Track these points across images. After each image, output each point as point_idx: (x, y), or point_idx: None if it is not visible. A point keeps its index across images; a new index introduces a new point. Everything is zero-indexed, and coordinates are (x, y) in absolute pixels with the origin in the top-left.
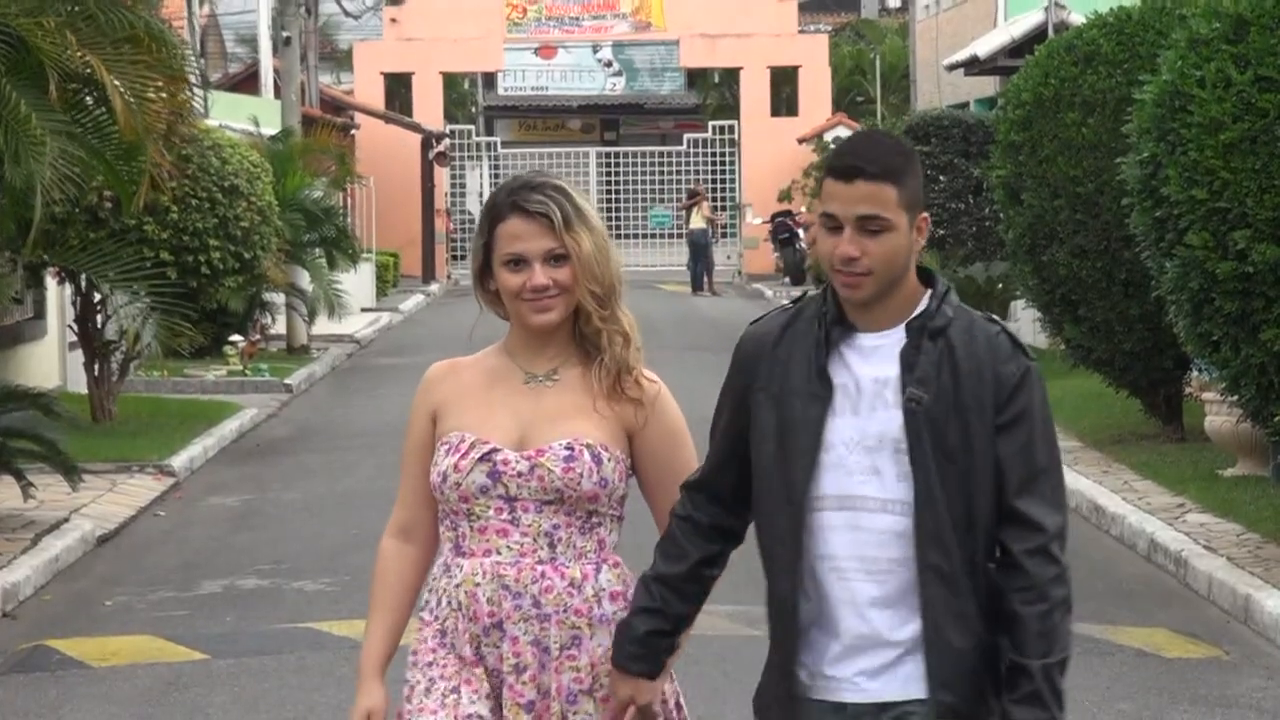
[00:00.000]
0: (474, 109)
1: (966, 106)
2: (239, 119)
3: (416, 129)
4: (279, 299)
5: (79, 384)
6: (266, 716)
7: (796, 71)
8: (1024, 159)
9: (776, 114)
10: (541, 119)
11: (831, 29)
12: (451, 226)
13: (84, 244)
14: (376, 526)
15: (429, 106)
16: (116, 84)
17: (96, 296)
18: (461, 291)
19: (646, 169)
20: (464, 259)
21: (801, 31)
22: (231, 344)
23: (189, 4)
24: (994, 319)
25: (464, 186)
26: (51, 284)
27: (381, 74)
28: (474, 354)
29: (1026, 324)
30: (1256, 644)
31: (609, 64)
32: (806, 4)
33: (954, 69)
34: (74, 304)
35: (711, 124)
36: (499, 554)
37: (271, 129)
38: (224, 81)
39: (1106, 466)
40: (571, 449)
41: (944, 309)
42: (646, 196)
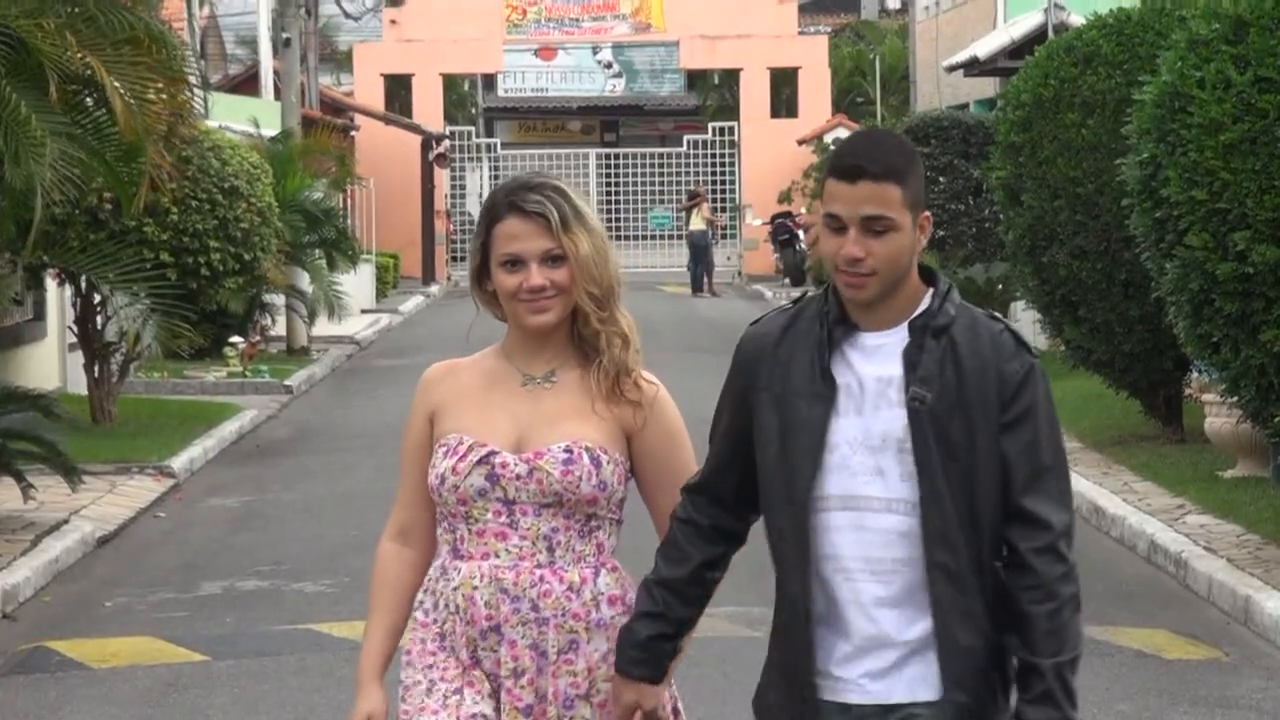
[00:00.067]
0: (474, 110)
1: (966, 108)
2: (239, 120)
3: (416, 130)
4: (279, 300)
5: (79, 385)
6: (266, 718)
7: (796, 73)
8: (1024, 160)
9: (776, 115)
10: (541, 120)
11: (831, 30)
12: (451, 228)
13: (84, 245)
14: (376, 528)
15: (429, 108)
16: (116, 85)
17: (96, 298)
18: (461, 293)
19: (646, 170)
20: (464, 260)
21: (801, 33)
22: (231, 345)
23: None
24: (996, 316)
25: (464, 188)
26: (51, 285)
27: (381, 75)
28: (472, 355)
29: (1026, 325)
30: (1256, 645)
31: (609, 65)
32: (806, 5)
33: (954, 70)
34: (74, 305)
35: (711, 125)
36: (497, 557)
37: (271, 130)
38: (224, 83)
39: (1106, 468)
40: (570, 451)
41: (946, 307)
42: (646, 198)
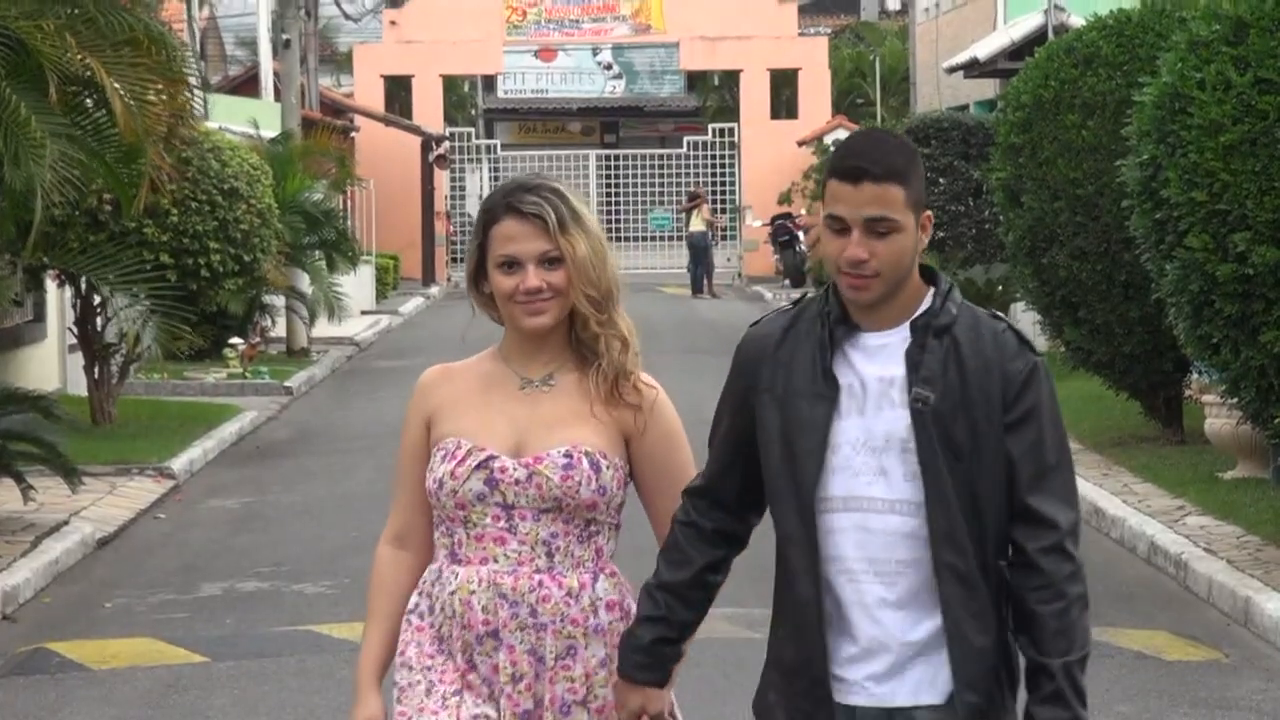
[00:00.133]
0: (474, 111)
1: (966, 109)
2: (239, 121)
3: (416, 131)
4: (279, 302)
5: (79, 386)
6: (266, 719)
7: (796, 74)
8: (1024, 161)
9: (776, 116)
10: (541, 121)
11: (831, 31)
12: (451, 229)
13: (84, 247)
14: (376, 529)
15: (429, 109)
16: (116, 86)
17: (96, 299)
18: (461, 294)
19: (646, 171)
20: (464, 261)
21: (801, 34)
22: (231, 347)
23: (189, 6)
24: (998, 315)
25: (464, 189)
26: (51, 287)
27: (381, 76)
28: (468, 359)
29: (1026, 326)
30: (1256, 646)
31: (609, 66)
32: (806, 6)
33: (954, 71)
34: (74, 307)
35: (711, 126)
36: (496, 562)
37: (271, 131)
38: (224, 84)
39: (1106, 469)
40: (570, 456)
41: (948, 306)
42: (646, 199)
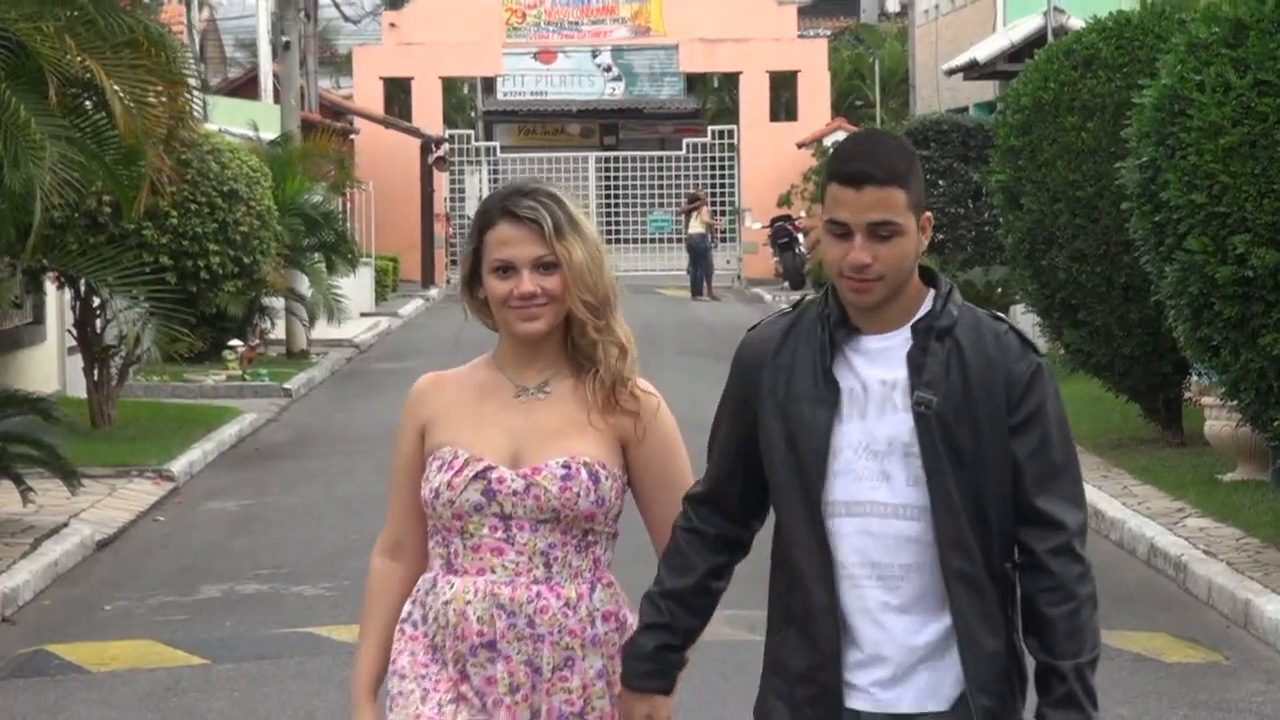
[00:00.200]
0: (473, 113)
1: (966, 111)
2: (238, 124)
3: (416, 134)
4: (278, 304)
5: (78, 389)
6: None
7: (796, 76)
8: (1023, 163)
9: (776, 119)
10: (541, 123)
11: (831, 33)
12: (451, 231)
13: (83, 249)
14: (376, 531)
15: (428, 111)
16: (116, 89)
17: (96, 301)
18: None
19: (646, 174)
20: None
21: (801, 36)
22: (231, 349)
23: (188, 8)
24: (1000, 317)
25: (463, 191)
26: (51, 289)
27: (381, 79)
28: (461, 366)
29: (1026, 328)
30: (1256, 649)
31: (608, 69)
32: (806, 9)
33: (953, 73)
34: (73, 309)
35: (711, 129)
36: (493, 572)
37: (271, 134)
38: (223, 86)
39: (1106, 471)
40: (568, 467)
41: (949, 308)
42: (646, 201)
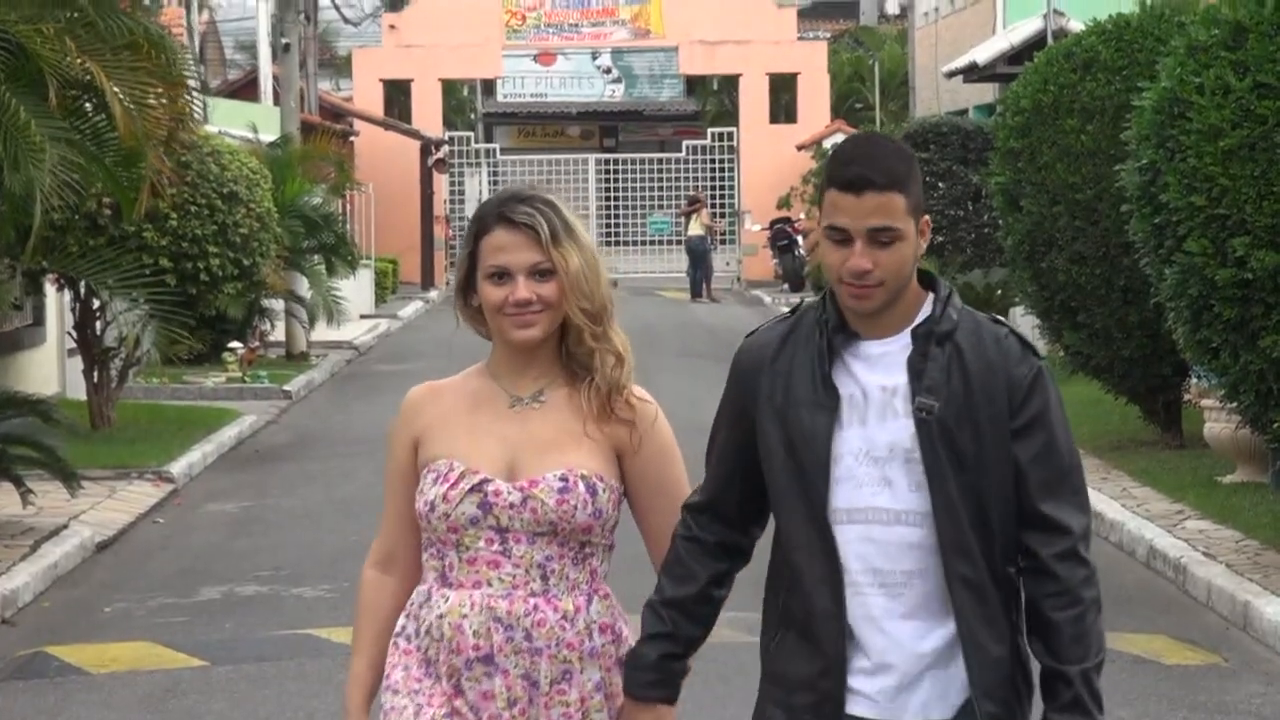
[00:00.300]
0: (473, 115)
1: (965, 113)
2: (238, 125)
3: (415, 135)
4: (278, 306)
5: (78, 390)
6: None
7: (795, 78)
8: (1023, 166)
9: (775, 121)
10: (540, 126)
11: (830, 36)
12: (450, 233)
13: (83, 251)
14: (375, 533)
15: (428, 113)
16: (116, 90)
17: (95, 303)
18: None
19: (645, 176)
20: None
21: (800, 38)
22: (230, 351)
23: (188, 10)
24: (1000, 320)
25: (463, 193)
26: (51, 290)
27: (380, 81)
28: (454, 376)
29: (1025, 330)
30: (1255, 650)
31: (608, 71)
32: (805, 11)
33: (953, 76)
34: (73, 310)
35: (710, 131)
36: (490, 585)
37: (270, 135)
38: (223, 88)
39: (1105, 473)
40: (565, 480)
41: (949, 313)
42: (645, 203)
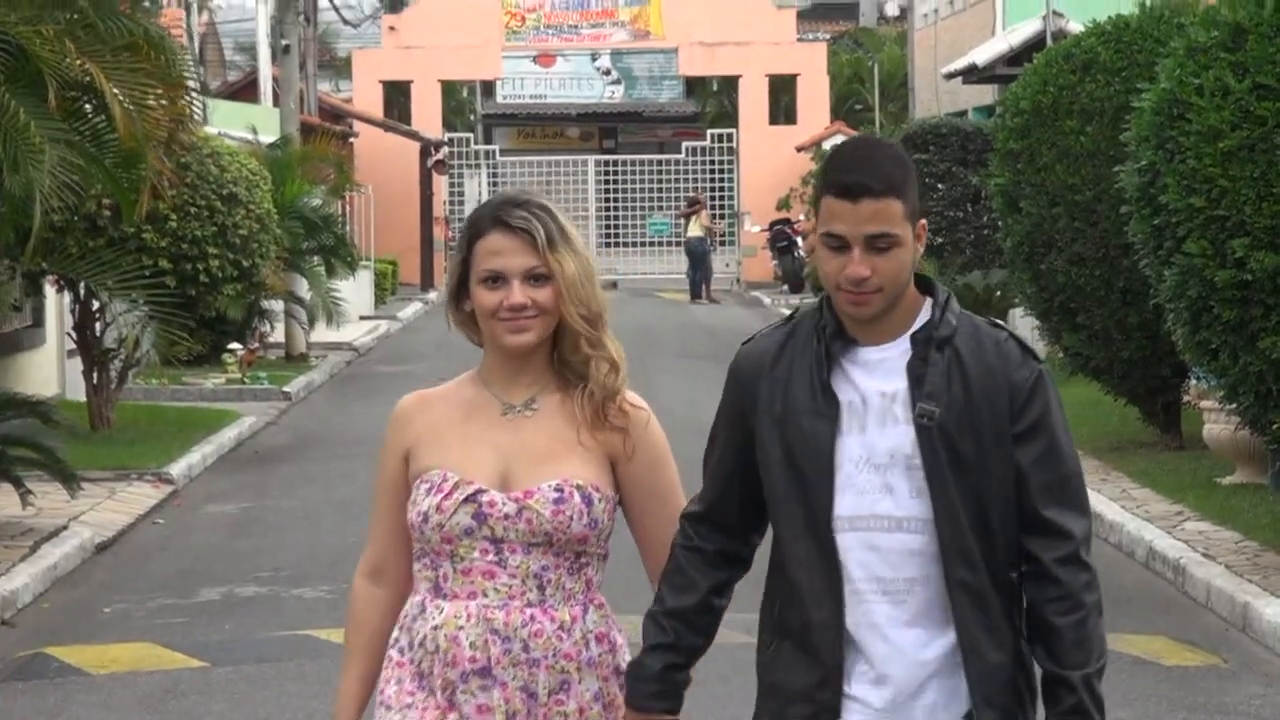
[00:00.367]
0: (472, 117)
1: (965, 114)
2: (237, 127)
3: (415, 137)
4: (278, 307)
5: (78, 392)
6: None
7: (795, 80)
8: (1022, 167)
9: (775, 122)
10: (540, 127)
11: (830, 37)
12: (450, 234)
13: (83, 252)
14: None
15: (427, 114)
16: (115, 92)
17: (95, 304)
18: None
19: (645, 177)
20: None
21: (800, 40)
22: (230, 352)
23: (187, 12)
24: (998, 324)
25: (462, 194)
26: (50, 292)
27: (380, 82)
28: (445, 384)
29: (1025, 332)
30: (1255, 652)
31: (607, 72)
32: (805, 12)
33: (952, 77)
34: (73, 312)
35: (710, 132)
36: (486, 596)
37: (270, 137)
38: (223, 89)
39: (1105, 474)
40: (561, 491)
41: (948, 317)
42: (645, 204)
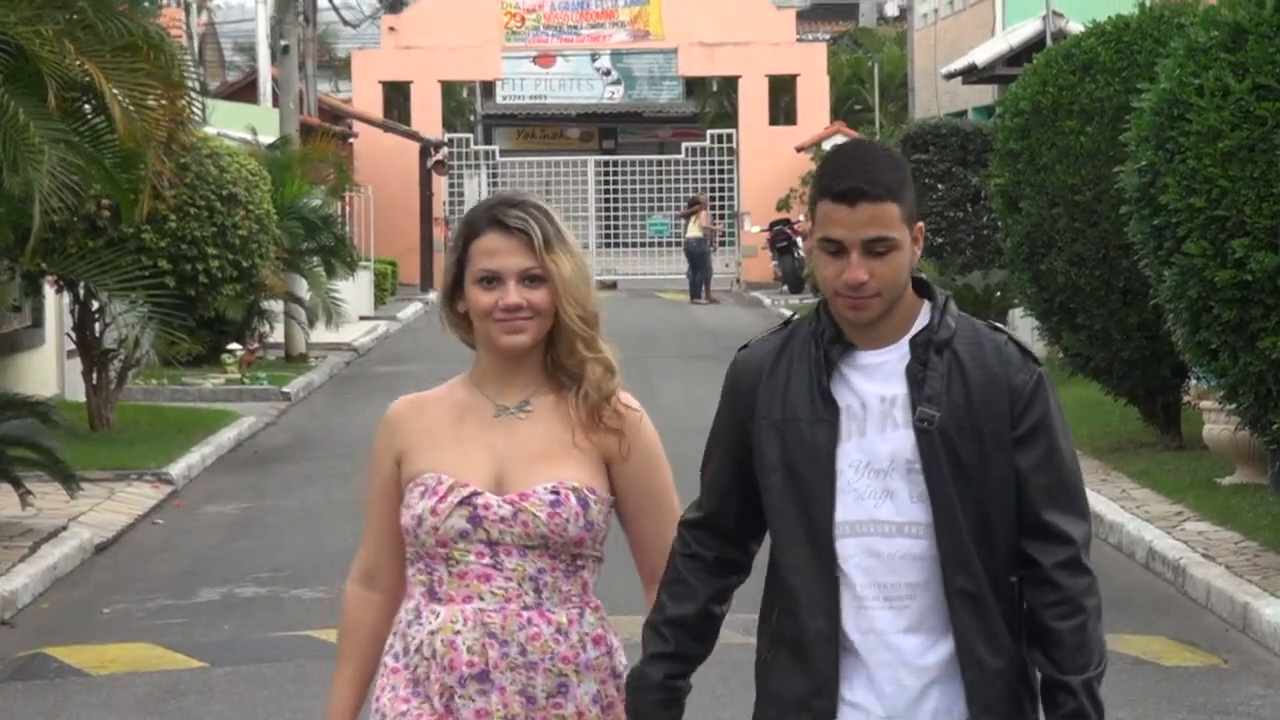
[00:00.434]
0: (472, 117)
1: (965, 115)
2: (237, 127)
3: (415, 137)
4: (277, 307)
5: (77, 392)
6: None
7: (795, 80)
8: (1022, 167)
9: (775, 123)
10: (540, 127)
11: (830, 37)
12: (449, 235)
13: (82, 252)
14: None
15: (427, 115)
16: (115, 92)
17: (95, 305)
18: None
19: (645, 177)
20: None
21: (800, 40)
22: (229, 352)
23: (187, 12)
24: (997, 326)
25: (462, 195)
26: (50, 292)
27: (380, 82)
28: (438, 387)
29: (1025, 332)
30: (1254, 652)
31: (607, 72)
32: (805, 12)
33: (952, 77)
34: (72, 312)
35: (710, 132)
36: (482, 600)
37: (269, 137)
38: (222, 90)
39: (1105, 475)
40: (557, 494)
41: (947, 320)
42: (645, 205)
